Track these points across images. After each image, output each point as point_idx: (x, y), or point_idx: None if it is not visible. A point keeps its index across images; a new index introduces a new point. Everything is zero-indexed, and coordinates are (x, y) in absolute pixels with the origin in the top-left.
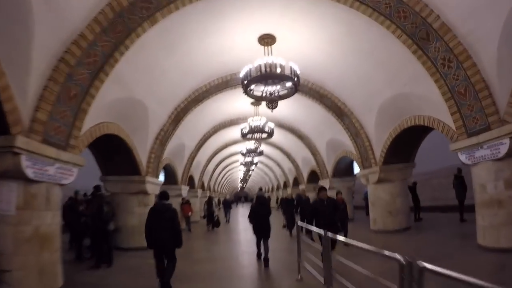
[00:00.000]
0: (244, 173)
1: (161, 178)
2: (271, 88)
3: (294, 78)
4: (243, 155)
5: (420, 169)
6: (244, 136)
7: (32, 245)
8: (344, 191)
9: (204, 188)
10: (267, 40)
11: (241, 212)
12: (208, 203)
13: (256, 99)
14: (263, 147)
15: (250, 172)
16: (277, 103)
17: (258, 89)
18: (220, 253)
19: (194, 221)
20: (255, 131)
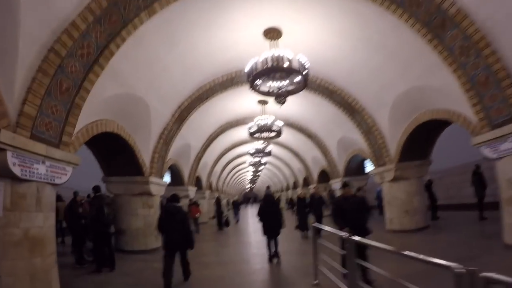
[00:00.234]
0: (252, 173)
1: (167, 179)
2: (278, 84)
3: (302, 71)
4: (251, 155)
5: (432, 167)
6: (252, 135)
7: (21, 250)
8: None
9: (212, 189)
10: (272, 34)
11: (250, 213)
12: (217, 204)
13: (263, 94)
14: (271, 147)
15: (259, 173)
16: (286, 98)
17: (265, 84)
18: (230, 256)
19: (202, 222)
20: (263, 130)
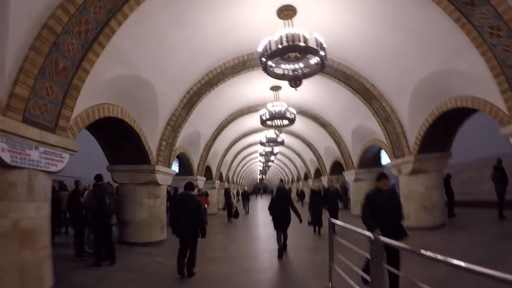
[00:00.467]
0: (263, 164)
1: (175, 168)
2: (293, 66)
3: (320, 51)
4: (262, 144)
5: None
6: (264, 122)
7: (10, 242)
8: (370, 183)
9: (222, 179)
10: (287, 12)
11: (260, 204)
12: (226, 194)
13: (276, 78)
14: (283, 136)
15: (270, 163)
16: (301, 81)
17: (278, 67)
18: (238, 251)
19: (211, 213)
20: (276, 117)
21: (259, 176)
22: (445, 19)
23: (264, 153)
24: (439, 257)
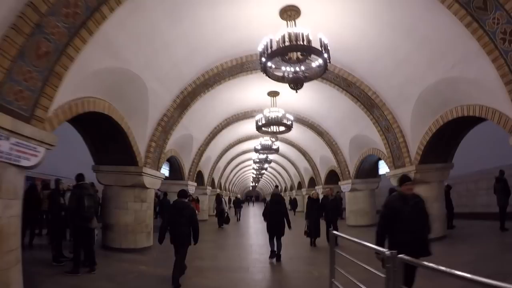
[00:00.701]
0: (256, 171)
1: (165, 171)
2: (293, 69)
3: (324, 52)
4: (256, 151)
5: None
6: (260, 128)
7: None
8: (367, 193)
9: (214, 186)
10: (290, 12)
11: (252, 212)
12: (217, 200)
13: (276, 80)
14: (278, 144)
15: (263, 171)
16: (303, 84)
17: (278, 69)
18: (228, 261)
19: (202, 219)
20: (272, 123)
21: (251, 184)
22: (454, 24)
23: (258, 160)
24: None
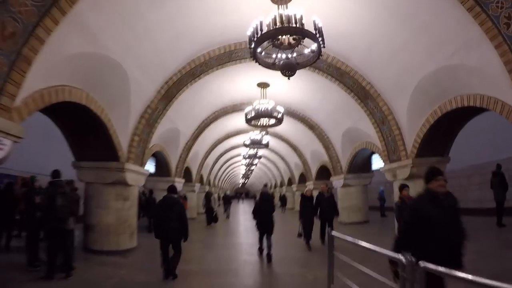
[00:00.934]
0: (246, 167)
1: (150, 167)
2: (285, 55)
3: (318, 36)
4: (246, 146)
5: None
6: (249, 121)
7: None
8: (360, 189)
9: (203, 183)
10: None
11: (242, 209)
12: (207, 198)
13: (266, 66)
14: (267, 138)
15: (253, 167)
16: (295, 70)
17: (269, 56)
18: (216, 263)
19: (190, 217)
20: (262, 116)
21: (241, 180)
22: (455, 8)
23: (247, 155)
24: None
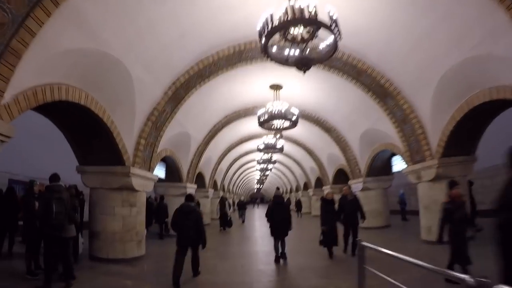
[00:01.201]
0: (260, 172)
1: (161, 173)
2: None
3: (334, 28)
4: (260, 150)
5: None
6: (262, 124)
7: None
8: (380, 192)
9: (216, 188)
10: None
11: (257, 214)
12: (221, 203)
13: (279, 61)
14: (282, 142)
15: (267, 172)
16: (311, 65)
17: (281, 52)
18: (229, 274)
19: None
20: (276, 118)
21: (256, 186)
22: None
23: (261, 160)
24: None
